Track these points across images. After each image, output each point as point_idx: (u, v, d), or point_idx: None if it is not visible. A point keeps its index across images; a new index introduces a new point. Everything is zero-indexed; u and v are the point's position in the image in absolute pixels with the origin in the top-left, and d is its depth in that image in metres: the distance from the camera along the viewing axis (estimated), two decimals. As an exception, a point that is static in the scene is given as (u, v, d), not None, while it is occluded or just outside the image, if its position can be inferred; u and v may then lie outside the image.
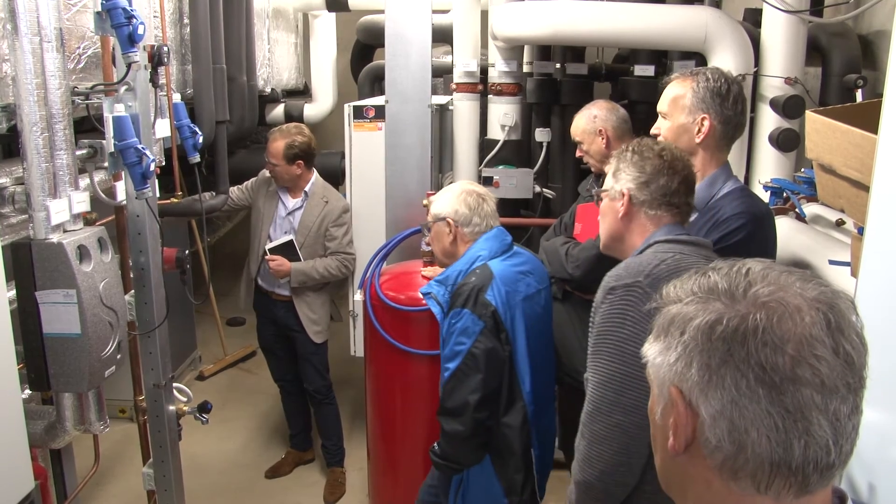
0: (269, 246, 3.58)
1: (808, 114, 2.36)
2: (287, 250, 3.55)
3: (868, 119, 1.99)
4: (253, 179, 3.86)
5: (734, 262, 0.82)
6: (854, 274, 1.68)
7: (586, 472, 1.62)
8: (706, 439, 0.76)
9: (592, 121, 2.76)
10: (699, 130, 2.08)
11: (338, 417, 3.89)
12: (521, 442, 2.26)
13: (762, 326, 0.74)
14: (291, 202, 3.66)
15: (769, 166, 3.33)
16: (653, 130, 2.21)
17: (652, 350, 0.82)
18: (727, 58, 3.21)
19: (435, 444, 2.35)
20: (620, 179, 1.79)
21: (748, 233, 1.98)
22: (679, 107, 2.11)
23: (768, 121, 3.33)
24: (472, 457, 2.31)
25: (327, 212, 3.61)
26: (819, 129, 2.20)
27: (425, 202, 2.88)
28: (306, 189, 3.63)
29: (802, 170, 3.20)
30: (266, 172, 3.74)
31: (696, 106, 2.08)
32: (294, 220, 3.65)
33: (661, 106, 2.18)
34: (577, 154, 2.88)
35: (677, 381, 0.78)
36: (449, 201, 2.41)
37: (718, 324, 0.75)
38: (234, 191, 3.90)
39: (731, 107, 2.08)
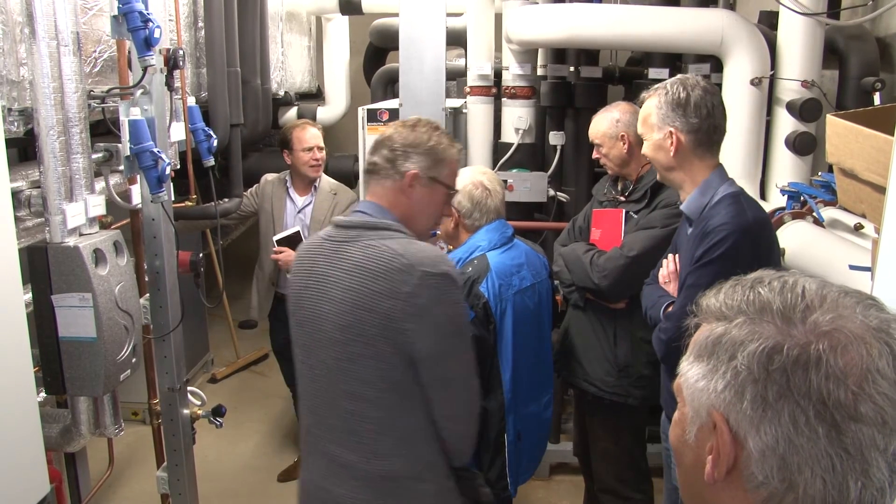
0: (276, 237, 3.55)
1: (830, 118, 2.33)
2: (295, 242, 3.50)
3: (889, 123, 1.96)
4: (256, 186, 3.85)
5: (784, 276, 0.75)
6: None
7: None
8: (751, 474, 0.71)
9: (615, 125, 2.67)
10: (671, 145, 2.08)
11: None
12: (495, 425, 2.40)
13: (826, 358, 0.67)
14: (300, 199, 3.69)
15: (786, 170, 3.30)
16: (643, 151, 2.23)
17: (693, 371, 0.75)
18: (743, 61, 3.19)
19: None
20: (411, 160, 1.82)
21: (732, 244, 1.94)
22: (649, 125, 2.14)
23: (785, 124, 3.30)
24: None
25: (337, 202, 3.65)
26: (840, 133, 2.18)
27: None
28: (315, 184, 3.68)
29: (819, 173, 3.17)
30: (269, 177, 3.77)
31: (661, 121, 2.09)
32: (305, 216, 3.66)
33: (638, 127, 2.22)
34: (594, 155, 2.80)
35: (724, 409, 0.72)
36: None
37: (777, 352, 0.69)
38: (244, 195, 3.90)
39: (694, 114, 2.05)
